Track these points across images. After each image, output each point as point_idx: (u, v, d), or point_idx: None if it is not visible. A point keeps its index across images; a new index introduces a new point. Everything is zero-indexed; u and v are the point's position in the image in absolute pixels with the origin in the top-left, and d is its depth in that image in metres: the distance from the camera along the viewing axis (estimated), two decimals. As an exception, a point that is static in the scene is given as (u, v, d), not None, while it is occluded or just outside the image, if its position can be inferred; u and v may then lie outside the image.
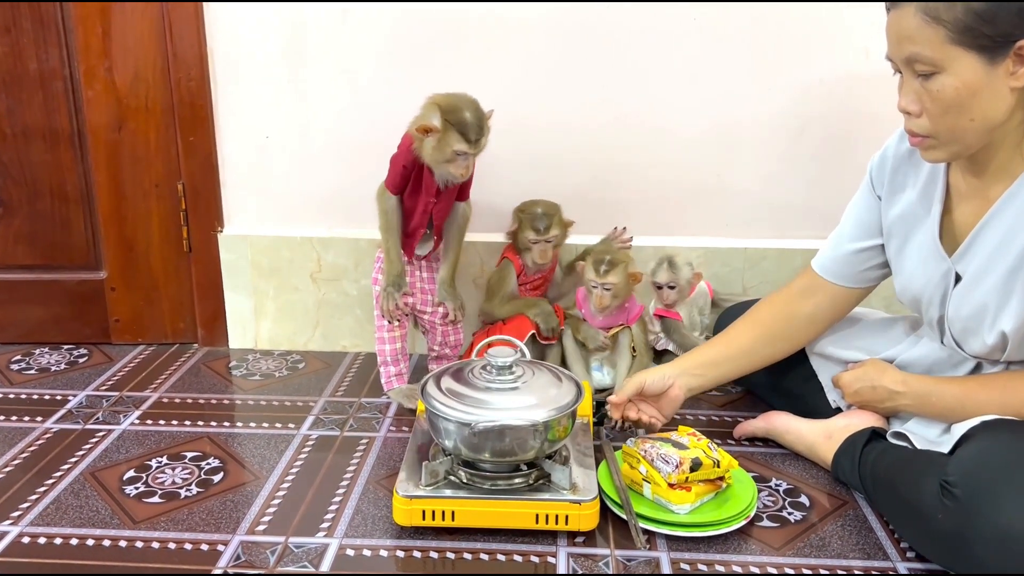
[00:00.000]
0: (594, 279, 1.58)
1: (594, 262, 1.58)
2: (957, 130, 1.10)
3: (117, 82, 1.76)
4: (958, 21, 1.02)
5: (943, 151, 1.14)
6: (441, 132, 1.44)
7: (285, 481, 1.37)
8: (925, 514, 1.10)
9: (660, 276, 1.64)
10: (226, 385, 1.74)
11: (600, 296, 1.58)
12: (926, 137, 1.13)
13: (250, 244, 1.85)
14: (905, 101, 1.12)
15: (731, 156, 1.76)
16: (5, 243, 1.87)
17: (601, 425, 1.54)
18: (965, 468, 1.07)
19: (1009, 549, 0.99)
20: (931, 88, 1.08)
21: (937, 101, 1.08)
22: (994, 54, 1.04)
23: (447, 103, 1.46)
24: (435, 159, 1.46)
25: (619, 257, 1.59)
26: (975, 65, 1.05)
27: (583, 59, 1.72)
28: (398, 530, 1.23)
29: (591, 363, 1.66)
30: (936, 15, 1.03)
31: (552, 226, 1.65)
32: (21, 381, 1.74)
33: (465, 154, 1.45)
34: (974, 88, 1.06)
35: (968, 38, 1.03)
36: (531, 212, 1.67)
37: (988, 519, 1.01)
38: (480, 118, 1.45)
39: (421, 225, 1.57)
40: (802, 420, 1.44)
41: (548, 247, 1.67)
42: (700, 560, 1.17)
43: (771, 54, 1.69)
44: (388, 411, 1.62)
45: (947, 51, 1.04)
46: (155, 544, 1.20)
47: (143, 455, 1.45)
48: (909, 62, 1.09)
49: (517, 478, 1.23)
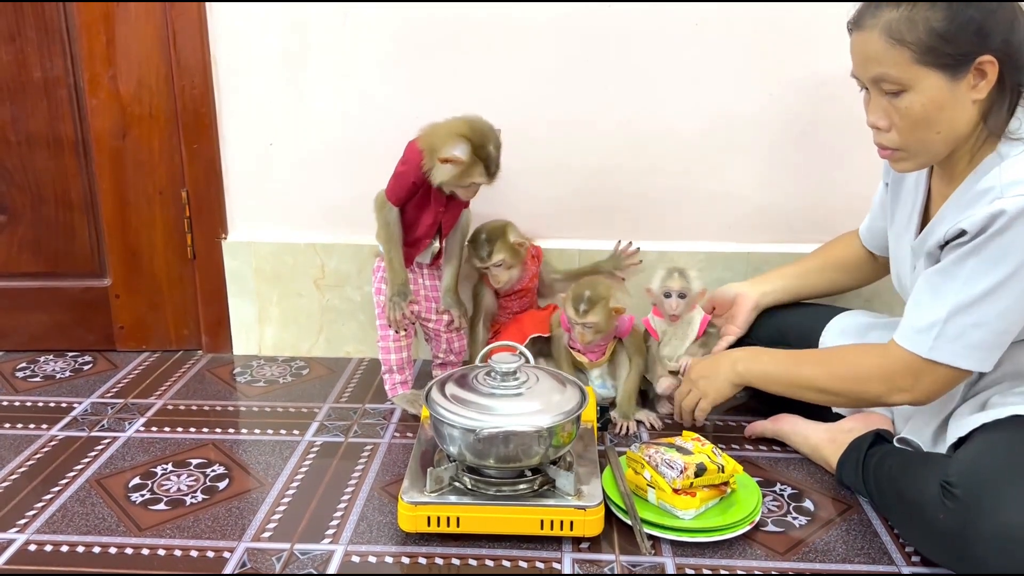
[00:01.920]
0: (575, 319, 1.51)
1: (573, 300, 1.51)
2: (925, 143, 1.16)
3: (121, 90, 1.77)
4: (921, 42, 1.09)
5: (912, 162, 1.20)
6: (467, 164, 1.44)
7: (290, 488, 1.37)
8: (927, 515, 1.11)
9: (672, 283, 1.56)
10: (230, 392, 1.74)
11: (582, 333, 1.54)
12: (896, 150, 1.19)
13: (254, 250, 1.86)
14: (874, 117, 1.18)
15: (733, 160, 1.76)
16: (10, 250, 1.87)
17: (605, 430, 1.54)
18: (965, 469, 1.09)
19: (1010, 549, 1.00)
20: (899, 105, 1.14)
21: (906, 117, 1.14)
22: (956, 71, 1.10)
23: (474, 135, 1.45)
24: (449, 184, 1.47)
25: (600, 292, 1.51)
26: (939, 82, 1.11)
27: (584, 64, 1.72)
28: (403, 536, 1.23)
29: (591, 376, 1.64)
30: (900, 37, 1.09)
31: (494, 252, 1.61)
32: (26, 389, 1.75)
33: (482, 183, 1.48)
34: (940, 103, 1.12)
35: (931, 57, 1.09)
36: (476, 240, 1.64)
37: (988, 519, 1.02)
38: (499, 148, 1.48)
39: (428, 235, 1.58)
40: (809, 422, 1.45)
41: (498, 271, 1.63)
42: (705, 565, 1.17)
43: (773, 58, 1.69)
44: (392, 417, 1.62)
45: (913, 71, 1.10)
46: (161, 551, 1.20)
47: (148, 462, 1.45)
48: (876, 81, 1.15)
49: (522, 484, 1.23)
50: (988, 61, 1.09)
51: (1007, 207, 1.07)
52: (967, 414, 1.22)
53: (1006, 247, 1.09)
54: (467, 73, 1.73)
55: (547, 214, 1.80)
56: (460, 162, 1.44)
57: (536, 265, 1.73)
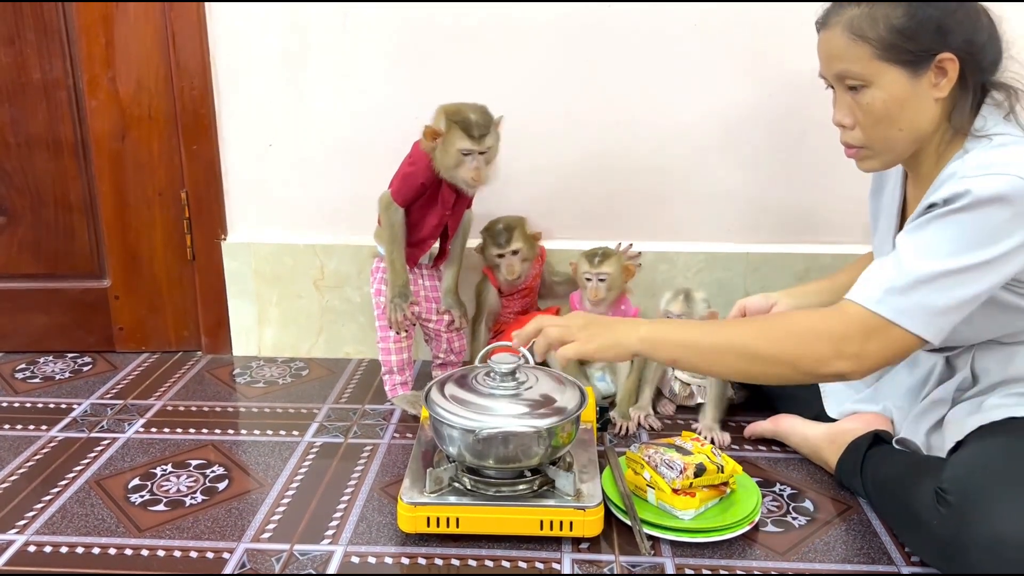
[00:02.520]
0: (588, 270, 1.59)
1: (588, 254, 1.61)
2: (889, 140, 1.18)
3: (120, 91, 1.77)
4: (882, 39, 1.11)
5: (877, 160, 1.22)
6: (446, 133, 1.45)
7: (290, 488, 1.37)
8: (922, 520, 1.12)
9: (673, 307, 1.55)
10: (230, 393, 1.74)
11: (595, 288, 1.57)
12: (860, 148, 1.21)
13: (253, 252, 1.86)
14: (839, 115, 1.20)
15: (733, 160, 1.76)
16: (9, 252, 1.88)
17: (605, 431, 1.54)
18: (959, 475, 1.09)
19: (1003, 556, 1.00)
20: (862, 101, 1.16)
21: (869, 114, 1.16)
22: (917, 67, 1.12)
23: (451, 107, 1.47)
24: (445, 165, 1.47)
25: (612, 251, 1.62)
26: (901, 79, 1.13)
27: (584, 64, 1.72)
28: (403, 537, 1.23)
29: (592, 372, 1.66)
30: (862, 33, 1.12)
31: (513, 239, 1.65)
32: (26, 390, 1.75)
33: (471, 152, 1.46)
34: (901, 100, 1.14)
35: (892, 54, 1.11)
36: (492, 229, 1.68)
37: (981, 526, 1.02)
38: (486, 117, 1.47)
39: (432, 237, 1.58)
40: (808, 423, 1.45)
41: (514, 260, 1.65)
42: (704, 565, 1.17)
43: (773, 58, 1.69)
44: (392, 417, 1.62)
45: (874, 66, 1.13)
46: (160, 552, 1.20)
47: (148, 463, 1.45)
48: (840, 78, 1.17)
49: (521, 484, 1.23)
50: (948, 59, 1.11)
51: (972, 187, 1.07)
52: (963, 416, 1.22)
53: (973, 226, 1.07)
54: (466, 74, 1.73)
55: (546, 214, 1.80)
56: (441, 132, 1.45)
57: (540, 265, 1.74)
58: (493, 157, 1.50)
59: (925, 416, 1.29)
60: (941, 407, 1.27)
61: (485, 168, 1.49)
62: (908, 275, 1.09)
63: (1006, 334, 1.21)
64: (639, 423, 1.56)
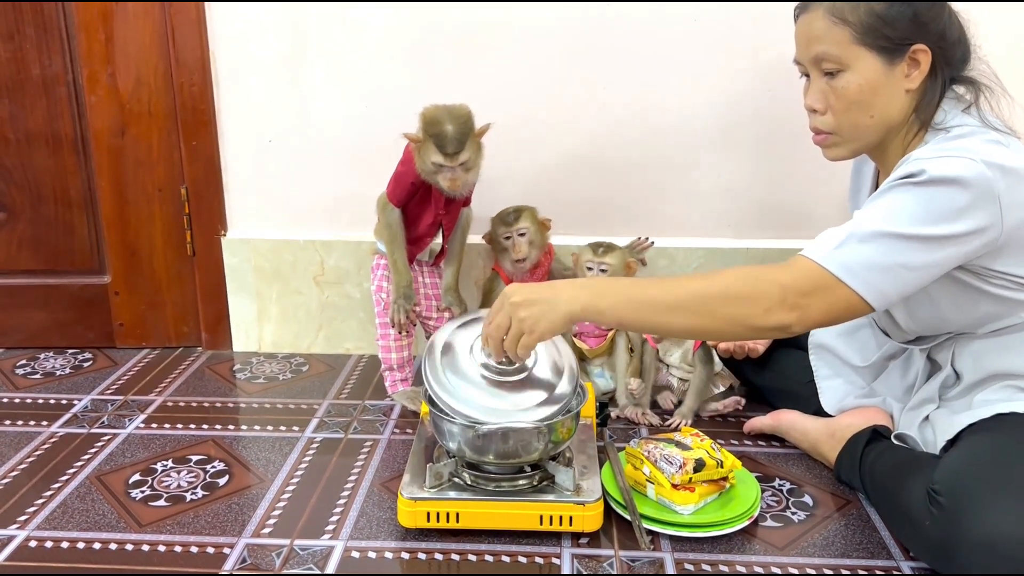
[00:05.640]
0: (591, 259, 1.60)
1: (592, 245, 1.62)
2: (858, 127, 1.21)
3: (120, 87, 1.77)
4: (861, 22, 1.14)
5: (844, 148, 1.25)
6: (422, 143, 1.44)
7: (290, 484, 1.37)
8: (915, 520, 1.12)
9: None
10: (230, 388, 1.74)
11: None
12: (829, 134, 1.23)
13: (253, 248, 1.86)
14: (811, 100, 1.23)
15: (732, 156, 1.76)
16: (9, 248, 1.88)
17: (604, 426, 1.54)
18: (949, 476, 1.09)
19: (993, 557, 1.01)
20: (836, 85, 1.19)
21: (841, 98, 1.19)
22: (892, 56, 1.15)
23: (430, 114, 1.45)
24: (424, 171, 1.47)
25: (617, 246, 1.62)
26: (876, 65, 1.16)
27: (583, 61, 1.72)
28: (403, 532, 1.23)
29: (591, 369, 1.66)
30: (842, 16, 1.15)
31: (521, 218, 1.64)
32: (26, 386, 1.75)
33: (443, 167, 1.45)
34: (875, 86, 1.17)
35: (870, 39, 1.15)
36: (502, 212, 1.68)
37: (971, 527, 1.03)
38: (462, 131, 1.43)
39: (429, 235, 1.58)
40: (807, 418, 1.45)
41: (522, 241, 1.64)
42: (704, 560, 1.17)
43: (774, 55, 1.69)
44: (392, 413, 1.62)
45: (852, 50, 1.16)
46: (161, 547, 1.20)
47: (148, 459, 1.45)
48: (817, 61, 1.19)
49: (521, 480, 1.23)
50: (922, 50, 1.15)
51: (927, 167, 1.09)
52: (954, 413, 1.23)
53: (929, 200, 1.08)
54: (465, 71, 1.73)
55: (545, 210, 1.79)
56: (416, 140, 1.45)
57: (548, 261, 1.74)
58: (473, 166, 1.48)
59: (916, 413, 1.30)
60: (929, 405, 1.28)
61: (464, 176, 1.46)
62: (857, 233, 1.11)
63: (979, 324, 1.22)
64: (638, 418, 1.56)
